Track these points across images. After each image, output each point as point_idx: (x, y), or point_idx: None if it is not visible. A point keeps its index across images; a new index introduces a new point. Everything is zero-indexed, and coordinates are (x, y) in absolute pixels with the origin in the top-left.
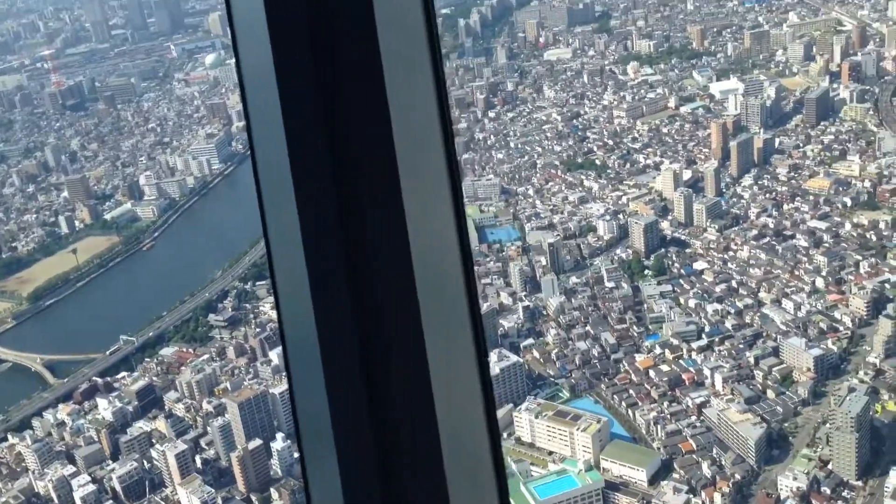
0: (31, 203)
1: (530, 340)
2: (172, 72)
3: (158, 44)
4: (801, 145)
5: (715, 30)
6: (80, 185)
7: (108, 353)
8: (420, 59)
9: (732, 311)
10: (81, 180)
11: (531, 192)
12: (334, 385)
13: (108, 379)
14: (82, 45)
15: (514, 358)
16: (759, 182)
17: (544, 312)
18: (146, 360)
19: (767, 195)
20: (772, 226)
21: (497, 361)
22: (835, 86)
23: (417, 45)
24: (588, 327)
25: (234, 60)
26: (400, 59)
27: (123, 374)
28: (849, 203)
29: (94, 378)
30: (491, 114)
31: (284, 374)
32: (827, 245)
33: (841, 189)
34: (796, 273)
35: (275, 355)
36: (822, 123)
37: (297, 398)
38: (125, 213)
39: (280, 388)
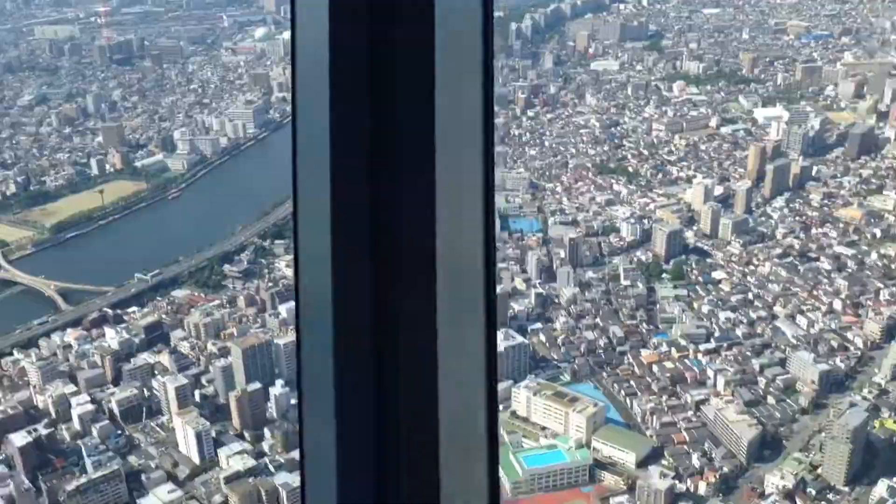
0: (66, 143)
1: (539, 325)
2: (221, 40)
3: (212, 13)
4: (839, 176)
5: (767, 59)
6: (115, 132)
7: (120, 287)
8: (472, 60)
9: (745, 320)
10: (117, 128)
11: (559, 189)
12: (342, 346)
13: (119, 311)
14: (137, 6)
15: (520, 339)
16: (791, 205)
17: (556, 301)
18: (157, 298)
19: (797, 218)
20: (797, 247)
21: (503, 340)
22: (881, 124)
23: (472, 48)
24: (598, 319)
25: (287, 34)
26: (453, 54)
27: (134, 308)
28: (878, 234)
29: (104, 309)
30: (530, 112)
31: (293, 328)
32: (850, 271)
33: (873, 221)
34: (815, 293)
35: (284, 309)
36: (862, 158)
37: (304, 355)
38: (156, 163)
39: (285, 339)
